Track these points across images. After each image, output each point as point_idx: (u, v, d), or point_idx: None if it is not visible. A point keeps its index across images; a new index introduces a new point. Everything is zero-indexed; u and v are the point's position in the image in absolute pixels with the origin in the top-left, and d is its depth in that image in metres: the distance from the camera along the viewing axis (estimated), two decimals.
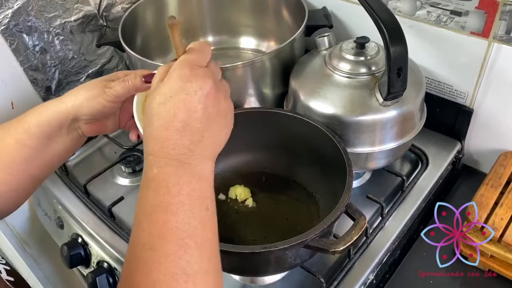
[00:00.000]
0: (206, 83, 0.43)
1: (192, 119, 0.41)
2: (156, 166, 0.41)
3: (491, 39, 0.64)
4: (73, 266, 0.72)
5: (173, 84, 0.43)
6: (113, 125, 0.60)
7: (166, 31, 0.97)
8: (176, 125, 0.41)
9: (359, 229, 0.50)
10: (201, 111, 0.42)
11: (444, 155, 0.75)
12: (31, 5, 0.74)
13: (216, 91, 0.44)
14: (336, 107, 0.62)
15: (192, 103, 0.42)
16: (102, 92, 0.54)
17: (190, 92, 0.42)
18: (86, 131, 0.57)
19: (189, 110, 0.41)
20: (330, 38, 0.70)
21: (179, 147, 0.41)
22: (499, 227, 0.60)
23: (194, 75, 0.43)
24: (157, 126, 0.42)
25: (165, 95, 0.42)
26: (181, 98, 0.42)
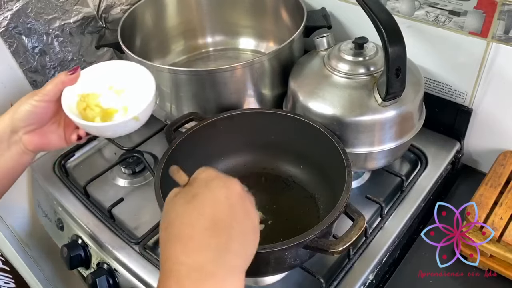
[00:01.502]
0: (231, 182, 0.41)
1: (220, 216, 0.37)
2: (174, 277, 0.35)
3: (489, 39, 0.64)
4: (73, 267, 0.73)
5: (198, 183, 0.40)
6: (58, 140, 0.60)
7: (165, 32, 0.98)
8: (203, 223, 0.36)
9: (358, 229, 0.50)
10: (228, 208, 0.38)
11: (444, 155, 0.75)
12: (30, 7, 0.74)
13: (242, 191, 0.41)
14: (335, 108, 0.62)
15: (219, 200, 0.38)
16: (33, 94, 0.56)
17: (215, 189, 0.39)
18: (29, 144, 0.57)
19: (217, 208, 0.38)
20: (329, 38, 0.70)
21: (205, 249, 0.36)
22: (498, 226, 0.60)
23: (218, 175, 0.41)
24: (180, 225, 0.37)
25: (187, 195, 0.39)
26: (207, 196, 0.38)
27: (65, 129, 0.61)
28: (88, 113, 0.60)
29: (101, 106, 0.62)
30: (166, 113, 0.79)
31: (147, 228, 0.68)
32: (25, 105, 0.55)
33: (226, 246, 0.36)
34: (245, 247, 0.38)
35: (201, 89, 0.73)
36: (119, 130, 0.61)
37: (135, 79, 0.64)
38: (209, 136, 0.67)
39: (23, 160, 0.58)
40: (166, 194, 0.55)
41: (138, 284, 0.64)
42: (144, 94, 0.61)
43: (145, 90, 0.61)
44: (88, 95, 0.62)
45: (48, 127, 0.59)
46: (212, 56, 0.98)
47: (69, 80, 0.57)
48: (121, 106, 0.63)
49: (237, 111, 0.68)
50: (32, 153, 0.59)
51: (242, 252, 0.38)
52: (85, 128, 0.60)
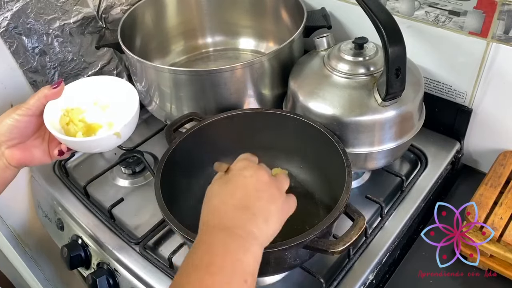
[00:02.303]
0: (260, 170, 0.47)
1: (247, 198, 0.45)
2: (209, 232, 0.43)
3: (489, 39, 0.64)
4: (74, 268, 0.73)
5: (233, 171, 0.48)
6: (41, 154, 0.60)
7: (165, 32, 0.98)
8: (234, 202, 0.44)
9: (358, 229, 0.50)
10: (254, 192, 0.45)
11: (443, 155, 0.75)
12: (30, 7, 0.74)
13: (269, 179, 0.47)
14: (335, 108, 0.62)
15: (247, 185, 0.46)
16: (15, 109, 0.56)
17: (246, 176, 0.46)
18: (11, 159, 0.56)
19: (244, 190, 0.45)
20: (328, 38, 0.70)
21: (234, 219, 0.43)
22: (498, 226, 0.60)
23: (250, 165, 0.48)
24: (216, 202, 0.46)
25: (224, 179, 0.47)
26: (238, 181, 0.46)
27: (49, 144, 0.61)
28: (71, 128, 0.60)
29: (86, 121, 0.63)
30: (166, 113, 0.79)
31: (147, 228, 0.68)
32: (7, 119, 0.55)
33: (251, 220, 0.43)
34: (267, 225, 0.44)
35: (201, 89, 0.73)
36: (101, 145, 0.61)
37: (120, 95, 0.64)
38: (209, 136, 0.67)
39: (5, 175, 0.58)
40: (166, 194, 0.56)
41: (138, 284, 0.64)
42: (128, 109, 0.61)
43: (129, 106, 0.62)
44: (72, 110, 0.62)
45: (32, 142, 0.59)
46: (212, 56, 0.98)
47: (53, 94, 0.57)
48: (105, 122, 0.64)
49: (237, 111, 0.68)
50: (15, 168, 0.58)
51: (264, 228, 0.44)
52: (66, 143, 0.59)
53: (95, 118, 0.64)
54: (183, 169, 0.64)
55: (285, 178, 0.51)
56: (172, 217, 0.53)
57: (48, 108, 0.58)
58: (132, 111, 0.61)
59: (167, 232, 0.69)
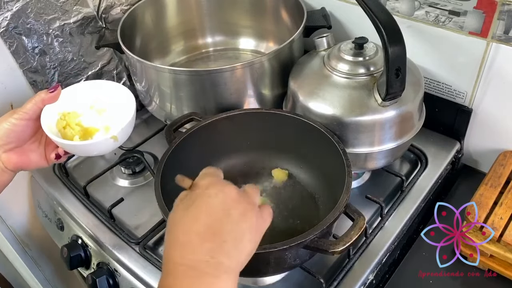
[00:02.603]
0: (226, 187, 0.43)
1: (214, 221, 0.40)
2: (173, 275, 0.39)
3: (489, 39, 0.64)
4: (73, 268, 0.73)
5: (197, 190, 0.43)
6: (38, 158, 0.60)
7: (165, 32, 0.98)
8: (197, 228, 0.39)
9: (358, 229, 0.50)
10: (222, 212, 0.40)
11: (443, 155, 0.75)
12: (30, 7, 0.74)
13: (237, 195, 0.43)
14: (335, 108, 0.62)
15: (214, 205, 0.41)
16: (12, 113, 0.56)
17: (211, 195, 0.41)
18: (8, 163, 0.57)
19: (211, 212, 0.40)
20: (328, 38, 0.70)
21: (199, 252, 0.38)
22: (498, 226, 0.60)
23: (215, 182, 0.43)
24: (178, 231, 0.40)
25: (187, 201, 0.42)
26: (202, 202, 0.41)
27: (46, 148, 0.61)
28: (67, 132, 0.61)
29: (82, 125, 0.63)
30: (166, 113, 0.79)
31: (147, 228, 0.68)
32: (4, 123, 0.55)
33: (219, 249, 0.39)
34: (239, 249, 0.40)
35: (201, 89, 0.73)
36: (97, 149, 0.61)
37: (116, 99, 0.64)
38: (209, 136, 0.67)
39: (2, 179, 0.58)
40: (166, 194, 0.56)
41: (138, 284, 0.64)
42: (125, 113, 0.62)
43: (126, 110, 0.62)
44: (68, 114, 0.62)
45: (28, 146, 0.59)
46: (212, 56, 0.98)
47: (49, 98, 0.58)
48: (102, 126, 0.64)
49: (237, 111, 0.68)
50: (12, 172, 0.58)
51: (236, 254, 0.40)
52: (63, 147, 0.59)
53: (91, 122, 0.64)
54: (183, 169, 0.64)
55: (254, 189, 0.46)
56: None
57: (45, 112, 0.59)
58: (129, 115, 0.61)
59: None
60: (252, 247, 0.42)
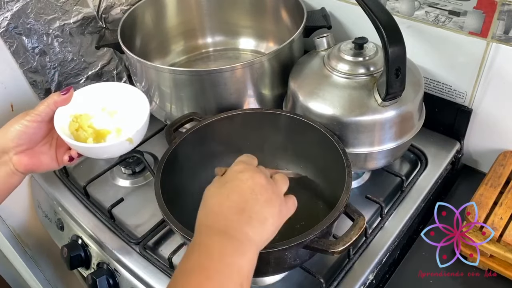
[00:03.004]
0: (256, 174, 0.47)
1: (243, 201, 0.45)
2: (205, 234, 0.43)
3: (489, 39, 0.64)
4: (74, 268, 0.73)
5: (229, 174, 0.48)
6: (49, 161, 0.60)
7: (165, 32, 0.98)
8: (229, 204, 0.45)
9: (358, 229, 0.50)
10: (250, 195, 0.45)
11: (443, 155, 0.75)
12: (30, 8, 0.74)
13: (266, 182, 0.47)
14: (335, 108, 0.62)
15: (244, 188, 0.46)
16: (25, 115, 0.56)
17: (242, 180, 0.46)
18: (19, 165, 0.56)
19: (241, 194, 0.45)
20: (328, 38, 0.70)
21: (230, 221, 0.43)
22: (498, 226, 0.60)
23: (247, 168, 0.48)
24: (212, 203, 0.46)
25: (222, 182, 0.47)
26: (234, 184, 0.46)
27: (57, 150, 0.61)
28: (80, 134, 0.60)
29: (94, 127, 0.62)
30: (166, 113, 0.79)
31: (147, 228, 0.68)
32: (16, 125, 0.55)
33: (246, 222, 0.43)
34: (263, 228, 0.44)
35: (201, 89, 0.73)
36: (112, 151, 0.61)
37: (128, 101, 0.64)
38: (209, 136, 0.67)
39: (12, 181, 0.57)
40: (166, 194, 0.56)
41: (138, 284, 0.64)
42: (137, 115, 0.61)
43: (138, 112, 0.62)
44: (80, 116, 0.62)
45: (40, 148, 0.59)
46: (212, 56, 0.98)
47: (62, 100, 0.57)
48: (113, 128, 0.63)
49: (237, 111, 0.68)
50: (22, 174, 0.58)
51: (260, 232, 0.44)
52: (77, 149, 0.59)
53: (103, 124, 0.64)
54: (183, 169, 0.64)
55: (284, 179, 0.50)
56: (172, 217, 0.53)
57: (57, 114, 0.58)
58: (143, 117, 0.61)
59: (167, 232, 0.69)
60: (273, 230, 0.46)
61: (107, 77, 0.90)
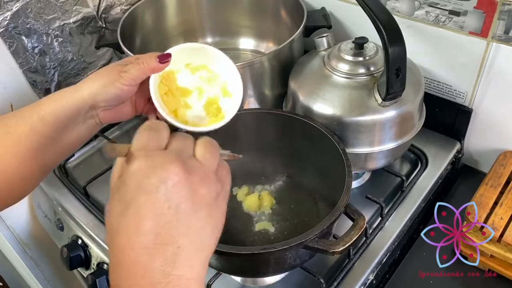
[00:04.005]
0: (169, 172, 0.33)
1: (161, 227, 0.32)
2: None
3: (489, 38, 0.64)
4: (73, 268, 0.73)
5: (128, 184, 0.33)
6: (130, 111, 0.57)
7: (165, 32, 0.97)
8: (142, 240, 0.31)
9: (358, 229, 0.50)
10: (169, 211, 0.32)
11: (444, 155, 0.75)
12: (30, 7, 0.74)
13: (186, 176, 0.33)
14: (335, 108, 0.62)
15: (157, 204, 0.32)
16: (118, 76, 0.52)
17: (151, 191, 0.32)
18: (103, 119, 0.55)
19: (155, 215, 0.32)
20: (329, 38, 0.70)
21: (150, 273, 0.31)
22: (498, 226, 0.60)
23: (151, 166, 0.33)
24: (119, 246, 0.32)
25: (122, 202, 0.33)
26: (141, 202, 0.32)
27: (136, 100, 0.57)
28: (170, 100, 0.55)
29: (178, 84, 0.56)
30: None
31: None
32: (110, 87, 0.52)
33: (174, 261, 0.32)
34: (200, 249, 0.34)
35: None
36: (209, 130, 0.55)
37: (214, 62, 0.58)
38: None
39: (93, 131, 0.56)
40: None
41: None
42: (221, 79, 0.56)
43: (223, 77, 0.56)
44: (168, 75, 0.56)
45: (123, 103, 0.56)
46: None
47: (160, 68, 0.52)
48: (195, 87, 0.57)
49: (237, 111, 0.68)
50: (102, 124, 0.57)
51: (197, 256, 0.33)
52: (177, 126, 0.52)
53: (186, 81, 0.57)
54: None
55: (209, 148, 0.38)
56: None
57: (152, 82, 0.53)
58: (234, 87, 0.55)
59: None
60: (216, 238, 0.35)
61: None
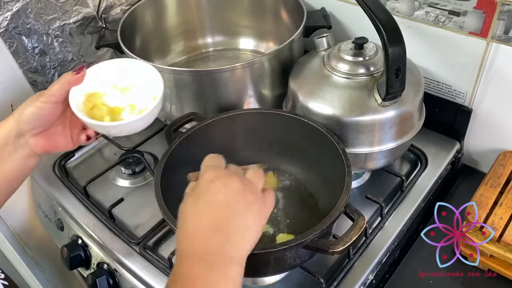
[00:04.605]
0: (229, 180, 0.44)
1: (219, 217, 0.42)
2: (185, 263, 0.41)
3: (489, 39, 0.64)
4: (74, 268, 0.73)
5: (201, 186, 0.44)
6: (64, 141, 0.59)
7: (165, 32, 0.98)
8: (207, 223, 0.42)
9: (358, 229, 0.50)
10: (227, 208, 0.42)
11: (443, 155, 0.75)
12: (30, 8, 0.74)
13: (241, 186, 0.44)
14: (335, 108, 0.62)
15: (218, 201, 0.43)
16: (38, 96, 0.55)
17: (215, 191, 0.43)
18: (36, 147, 0.56)
19: (216, 208, 0.42)
20: (328, 38, 0.70)
21: (208, 245, 0.41)
22: (498, 226, 0.60)
23: (218, 175, 0.44)
24: (188, 224, 0.43)
25: (194, 196, 0.44)
26: (208, 198, 0.43)
27: (71, 131, 0.60)
28: (95, 113, 0.59)
29: (107, 104, 0.61)
30: (166, 113, 0.79)
31: (147, 228, 0.68)
32: (31, 107, 0.54)
33: (226, 241, 0.41)
34: (245, 239, 0.42)
35: (201, 89, 0.73)
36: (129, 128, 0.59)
37: (139, 77, 0.62)
38: (209, 136, 0.67)
39: (29, 163, 0.57)
40: (166, 194, 0.56)
41: (138, 284, 0.64)
42: (150, 91, 0.59)
43: (151, 87, 0.60)
44: (93, 94, 0.60)
45: (54, 129, 0.58)
46: (212, 56, 0.98)
47: (76, 79, 0.56)
48: (126, 104, 0.61)
49: (237, 111, 0.68)
50: (38, 156, 0.58)
51: (243, 244, 0.42)
52: (96, 128, 0.58)
53: (115, 101, 0.61)
54: (183, 169, 0.64)
55: (258, 175, 0.47)
56: (172, 217, 0.53)
57: (72, 95, 0.57)
58: (157, 91, 0.58)
59: (167, 232, 0.69)
60: (257, 236, 0.44)
61: None
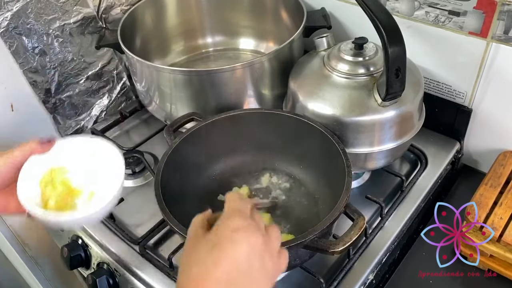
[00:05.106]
0: (253, 234, 0.40)
1: (235, 272, 0.38)
2: None
3: (489, 39, 0.64)
4: (74, 268, 0.73)
5: (222, 232, 0.40)
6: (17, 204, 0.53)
7: (165, 32, 0.98)
8: (218, 275, 0.37)
9: (358, 229, 0.50)
10: (246, 264, 0.38)
11: (443, 155, 0.75)
12: (30, 8, 0.74)
13: (263, 244, 0.40)
14: (335, 108, 0.62)
15: (238, 255, 0.38)
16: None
17: (237, 243, 0.39)
18: None
19: (234, 262, 0.38)
20: (328, 39, 0.70)
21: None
22: (498, 226, 0.60)
23: (243, 226, 0.40)
24: (196, 273, 0.38)
25: (210, 242, 0.39)
26: (227, 248, 0.39)
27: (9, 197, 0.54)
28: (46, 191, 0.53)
29: (69, 183, 0.54)
30: (166, 113, 0.79)
31: (147, 228, 0.68)
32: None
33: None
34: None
35: (201, 89, 0.73)
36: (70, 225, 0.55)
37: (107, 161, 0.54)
38: (209, 136, 0.67)
39: None
40: (166, 194, 0.56)
41: (138, 284, 0.64)
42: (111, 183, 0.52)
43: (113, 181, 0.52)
44: (56, 170, 0.54)
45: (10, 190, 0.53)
46: (212, 56, 0.98)
47: (40, 150, 0.53)
48: (88, 190, 0.55)
49: (237, 111, 0.68)
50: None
51: None
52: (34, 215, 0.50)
53: (79, 182, 0.55)
54: (183, 169, 0.64)
55: (277, 234, 0.44)
56: (172, 217, 0.53)
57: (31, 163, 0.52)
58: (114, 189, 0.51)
59: (167, 232, 0.69)
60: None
61: (107, 77, 0.90)
